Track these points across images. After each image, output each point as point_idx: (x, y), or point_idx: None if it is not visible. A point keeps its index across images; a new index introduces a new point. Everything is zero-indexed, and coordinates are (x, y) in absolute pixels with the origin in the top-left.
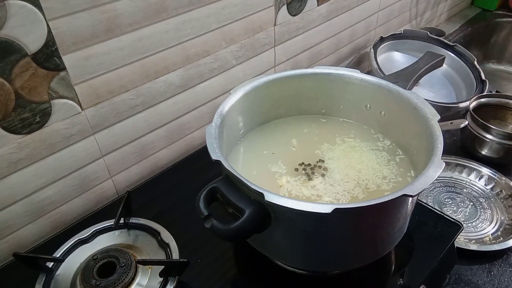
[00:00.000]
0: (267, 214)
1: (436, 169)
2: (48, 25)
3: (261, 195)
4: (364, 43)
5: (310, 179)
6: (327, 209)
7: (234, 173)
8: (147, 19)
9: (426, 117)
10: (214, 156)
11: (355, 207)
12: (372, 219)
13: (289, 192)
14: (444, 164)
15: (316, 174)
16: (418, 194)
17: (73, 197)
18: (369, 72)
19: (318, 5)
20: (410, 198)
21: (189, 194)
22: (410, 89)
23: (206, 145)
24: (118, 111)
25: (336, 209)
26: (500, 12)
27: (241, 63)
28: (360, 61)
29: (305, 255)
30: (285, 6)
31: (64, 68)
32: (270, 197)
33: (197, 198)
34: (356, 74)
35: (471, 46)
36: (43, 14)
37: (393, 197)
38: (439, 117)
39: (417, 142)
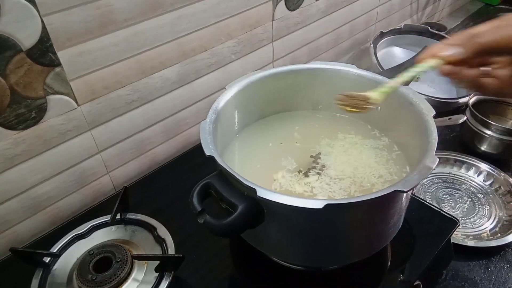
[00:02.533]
0: (260, 209)
1: (430, 164)
2: (42, 21)
3: (254, 190)
4: (364, 38)
5: (306, 176)
6: (318, 204)
7: (227, 169)
8: (142, 14)
9: (422, 113)
10: (207, 152)
11: (347, 202)
12: (365, 215)
13: (280, 187)
14: (437, 160)
15: (312, 171)
16: (410, 190)
17: (70, 192)
18: (369, 68)
19: (316, 0)
20: (404, 194)
21: (186, 190)
22: (407, 84)
23: None
24: (114, 106)
25: (327, 204)
26: (503, 6)
27: (239, 58)
28: (360, 57)
29: (299, 250)
30: (283, 1)
31: (59, 64)
32: (262, 193)
33: (191, 193)
34: (352, 69)
35: None
36: (37, 10)
37: (385, 193)
38: (434, 112)
39: (412, 138)
